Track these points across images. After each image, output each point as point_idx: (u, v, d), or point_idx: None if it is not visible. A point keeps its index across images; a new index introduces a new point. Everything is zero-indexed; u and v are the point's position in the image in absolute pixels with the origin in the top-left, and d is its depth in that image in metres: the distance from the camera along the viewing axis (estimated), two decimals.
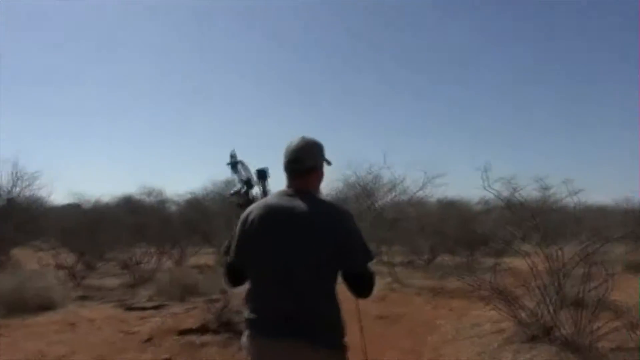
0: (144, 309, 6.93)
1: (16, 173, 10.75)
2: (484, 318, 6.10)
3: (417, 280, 9.67)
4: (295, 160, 1.78)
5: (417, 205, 12.74)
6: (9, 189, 10.57)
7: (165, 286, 8.07)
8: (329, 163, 1.87)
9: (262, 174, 2.23)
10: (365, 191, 12.38)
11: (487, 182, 4.95)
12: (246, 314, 1.75)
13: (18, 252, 10.79)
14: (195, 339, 5.06)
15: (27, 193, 10.82)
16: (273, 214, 1.72)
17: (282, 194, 1.78)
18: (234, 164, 2.36)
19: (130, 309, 6.96)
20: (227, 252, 1.85)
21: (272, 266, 1.67)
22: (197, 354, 4.65)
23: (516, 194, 5.06)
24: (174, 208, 16.08)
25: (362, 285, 1.75)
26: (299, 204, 1.70)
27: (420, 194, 11.51)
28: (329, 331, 1.68)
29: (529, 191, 5.62)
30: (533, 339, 4.87)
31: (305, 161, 1.78)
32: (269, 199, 1.83)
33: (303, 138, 1.83)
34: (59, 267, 9.19)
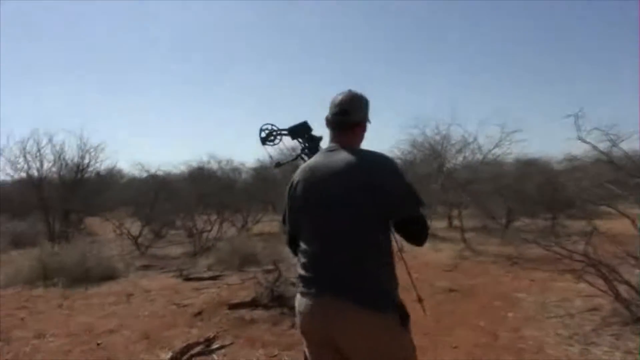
0: (200, 279, 6.77)
1: (83, 145, 11.01)
2: (573, 292, 5.26)
3: (492, 247, 8.80)
4: (342, 112, 1.75)
5: (493, 165, 11.63)
6: (78, 160, 10.88)
7: (224, 255, 7.90)
8: (369, 121, 1.83)
9: (302, 130, 2.20)
10: (433, 152, 11.45)
11: (580, 133, 4.04)
12: (297, 275, 1.74)
13: (91, 222, 11.18)
14: (245, 313, 4.73)
15: (94, 164, 11.07)
16: (315, 173, 1.71)
17: (324, 151, 1.79)
18: (266, 137, 2.30)
19: (187, 279, 6.83)
20: (284, 221, 1.85)
21: (318, 223, 1.66)
22: (246, 330, 4.29)
23: (617, 146, 4.08)
24: (243, 176, 16.24)
25: (414, 232, 1.67)
26: (340, 157, 1.68)
27: (496, 151, 10.40)
28: (376, 290, 1.57)
29: (632, 142, 4.57)
30: (638, 320, 4.03)
31: (352, 114, 1.76)
32: (311, 160, 1.80)
33: (350, 91, 1.81)
34: (126, 236, 9.36)
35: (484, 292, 5.61)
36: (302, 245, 1.72)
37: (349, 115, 1.75)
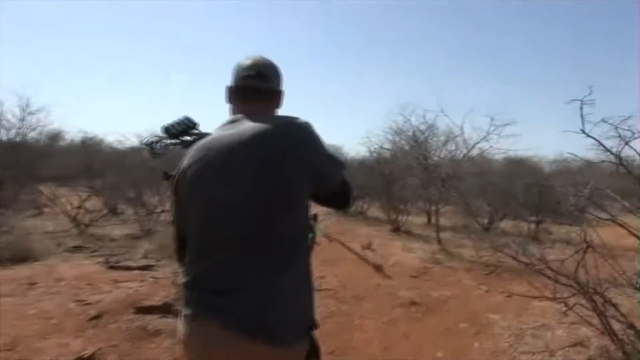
0: (128, 268, 5.83)
1: (24, 107, 9.81)
2: (555, 315, 4.42)
3: (469, 251, 7.94)
4: (259, 75, 1.42)
5: (479, 161, 10.77)
6: (17, 124, 9.69)
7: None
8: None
9: (185, 128, 1.64)
10: (416, 142, 10.50)
11: (583, 125, 3.11)
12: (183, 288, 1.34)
13: (29, 195, 10.12)
14: (152, 322, 3.81)
15: (37, 129, 9.93)
16: (211, 151, 1.30)
17: (223, 124, 1.38)
18: (154, 151, 1.68)
19: (113, 267, 5.89)
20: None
21: (216, 216, 1.27)
22: (140, 347, 3.39)
23: (629, 144, 3.17)
24: None
25: (340, 200, 1.53)
26: (246, 126, 1.30)
27: (483, 146, 9.50)
28: (291, 316, 1.28)
29: None
30: None
31: (271, 79, 1.44)
32: (206, 138, 1.36)
33: (263, 56, 1.47)
34: (65, 212, 8.37)
35: (451, 309, 4.74)
36: (191, 249, 1.33)
37: (268, 80, 1.43)
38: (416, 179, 10.08)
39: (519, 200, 10.43)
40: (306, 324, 1.35)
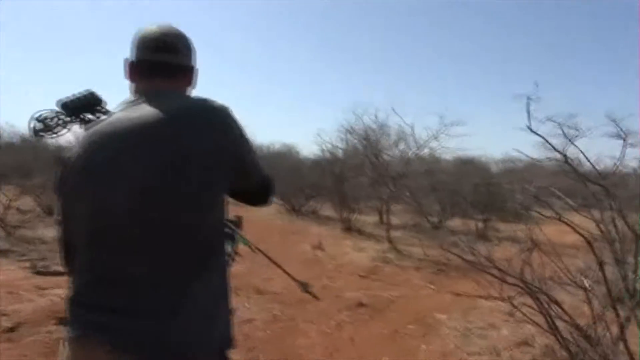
0: (57, 273, 5.36)
1: None
2: (501, 314, 4.40)
3: (419, 250, 7.93)
4: (168, 48, 1.17)
5: (428, 160, 10.86)
6: None
7: None
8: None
9: (87, 104, 1.36)
10: (368, 142, 10.44)
11: (529, 122, 3.05)
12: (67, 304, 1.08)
13: None
14: None
15: None
16: (107, 138, 1.06)
17: (123, 103, 1.15)
18: (43, 128, 1.41)
19: (40, 272, 5.41)
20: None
21: (110, 218, 1.03)
22: None
23: (574, 143, 3.14)
24: None
25: (258, 197, 1.33)
26: (152, 108, 1.06)
27: (433, 145, 9.56)
28: (204, 337, 1.06)
29: (594, 138, 3.63)
30: None
31: (182, 52, 1.20)
32: (103, 121, 1.11)
33: (171, 24, 1.21)
34: None
35: (399, 310, 4.64)
36: (79, 257, 1.08)
37: (178, 54, 1.18)
38: (367, 178, 10.01)
39: (468, 199, 10.59)
40: (219, 344, 1.13)
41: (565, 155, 3.00)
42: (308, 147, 16.07)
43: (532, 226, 3.78)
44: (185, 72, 1.22)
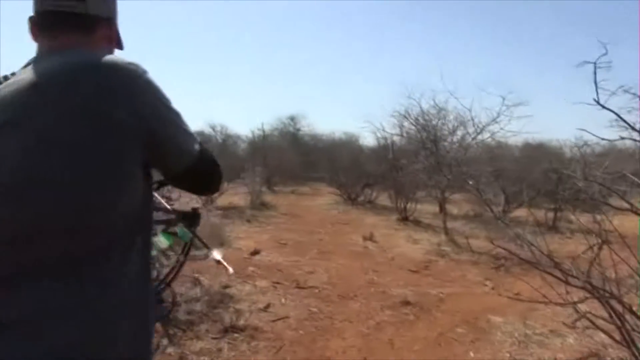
0: None
1: None
2: (566, 317, 3.86)
3: (479, 242, 7.35)
4: None
5: (493, 146, 10.12)
6: None
7: None
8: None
9: None
10: (425, 128, 9.83)
11: (597, 96, 2.53)
12: None
13: None
14: None
15: None
16: None
17: (25, 65, 0.91)
18: None
19: None
20: None
21: None
22: None
23: None
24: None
25: (197, 182, 1.05)
26: (45, 66, 0.86)
27: (493, 128, 8.84)
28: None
29: None
30: None
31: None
32: None
33: None
34: None
35: (449, 310, 4.21)
36: None
37: (86, 1, 0.94)
38: (423, 165, 9.47)
39: (536, 186, 9.75)
40: None
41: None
42: (369, 135, 15.57)
43: (603, 218, 3.23)
44: (95, 24, 0.98)
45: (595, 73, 2.54)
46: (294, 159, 17.10)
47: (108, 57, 0.87)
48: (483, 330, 3.72)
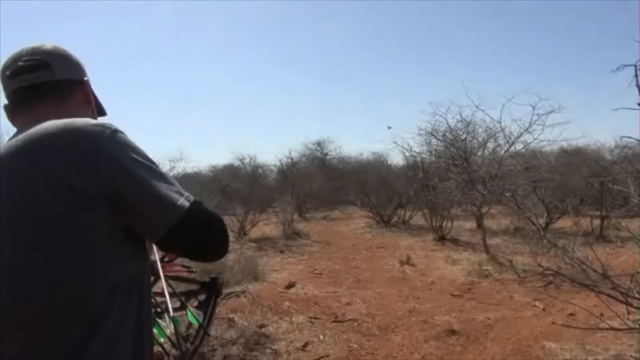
0: None
1: None
2: (629, 338, 3.54)
3: (523, 258, 7.01)
4: (32, 67, 0.92)
5: (528, 157, 9.76)
6: None
7: None
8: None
9: None
10: (454, 144, 9.56)
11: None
12: None
13: None
14: None
15: None
16: None
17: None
18: None
19: None
20: None
21: None
22: None
23: None
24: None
25: (195, 244, 0.89)
26: (19, 141, 0.84)
27: (527, 138, 8.54)
28: None
29: None
30: None
31: (54, 65, 0.94)
32: None
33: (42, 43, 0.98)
34: None
35: (498, 337, 3.94)
36: None
37: (48, 69, 0.92)
38: (454, 181, 9.19)
39: (578, 195, 9.31)
40: None
41: None
42: (398, 154, 15.40)
43: None
44: (72, 88, 0.98)
45: (636, 76, 2.36)
46: (323, 184, 17.00)
47: (70, 123, 0.83)
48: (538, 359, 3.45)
